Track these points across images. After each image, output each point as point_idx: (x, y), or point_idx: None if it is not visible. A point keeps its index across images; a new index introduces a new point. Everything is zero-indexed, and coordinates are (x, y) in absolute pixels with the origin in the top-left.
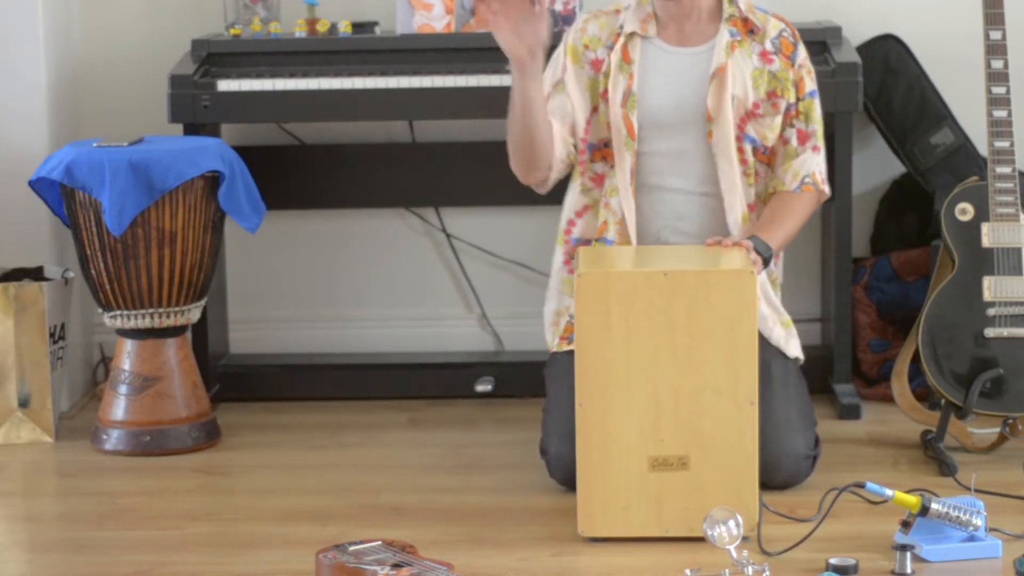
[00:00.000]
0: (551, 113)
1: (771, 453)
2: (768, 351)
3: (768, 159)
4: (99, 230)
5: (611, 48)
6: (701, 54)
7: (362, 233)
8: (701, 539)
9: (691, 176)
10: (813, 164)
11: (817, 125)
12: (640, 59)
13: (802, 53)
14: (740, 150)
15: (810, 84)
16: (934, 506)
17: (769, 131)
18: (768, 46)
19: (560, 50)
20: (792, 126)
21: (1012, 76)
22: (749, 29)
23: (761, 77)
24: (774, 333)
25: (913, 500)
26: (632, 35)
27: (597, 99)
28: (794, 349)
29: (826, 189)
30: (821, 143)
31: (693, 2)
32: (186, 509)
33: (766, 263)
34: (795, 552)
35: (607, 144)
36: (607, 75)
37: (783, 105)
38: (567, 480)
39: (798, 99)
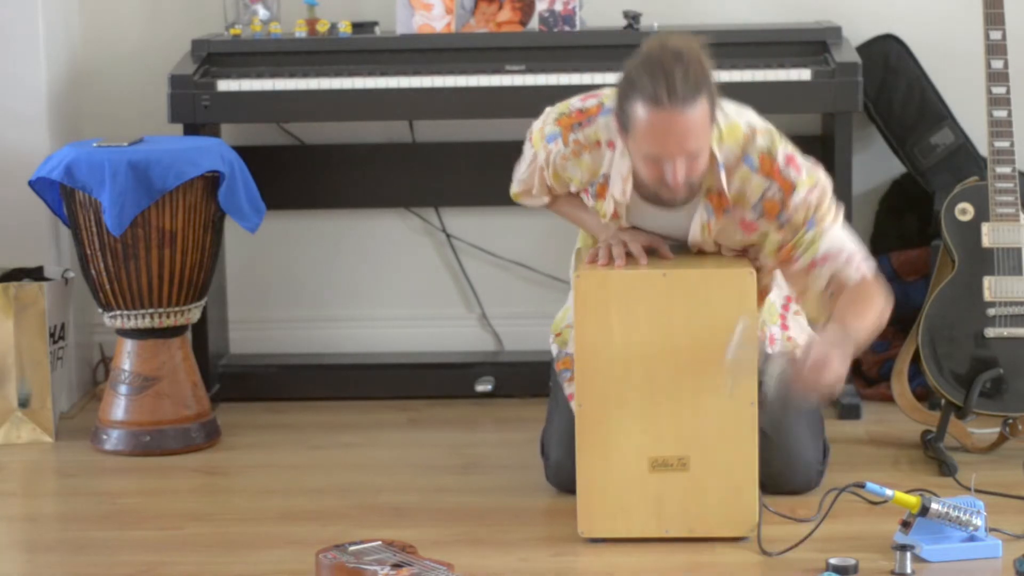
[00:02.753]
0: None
1: (781, 464)
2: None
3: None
4: (99, 230)
5: (593, 190)
6: (680, 216)
7: (362, 233)
8: (701, 539)
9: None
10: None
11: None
12: (625, 216)
13: (796, 199)
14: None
15: (805, 217)
16: (934, 506)
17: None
18: (750, 215)
19: (538, 162)
20: (802, 258)
21: (1012, 76)
22: (724, 207)
23: (738, 241)
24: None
25: (913, 500)
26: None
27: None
28: None
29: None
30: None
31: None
32: (186, 509)
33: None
34: (795, 552)
35: None
36: (596, 209)
37: (769, 258)
38: (563, 486)
39: (796, 234)
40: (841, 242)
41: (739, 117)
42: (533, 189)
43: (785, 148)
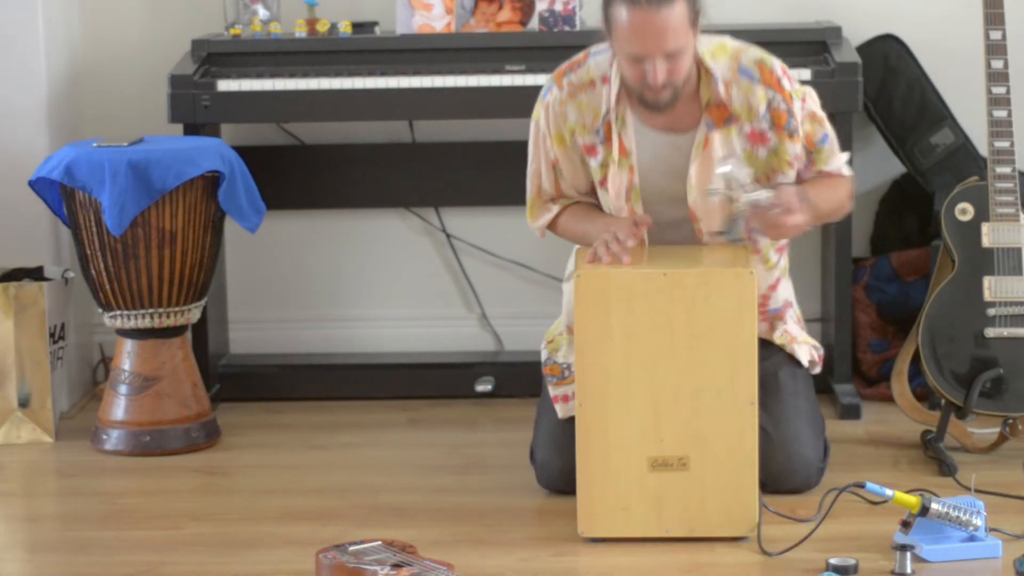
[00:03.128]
0: (573, 195)
1: (781, 462)
2: (776, 358)
3: None
4: (99, 230)
5: (600, 135)
6: (685, 141)
7: (362, 233)
8: (701, 539)
9: (677, 236)
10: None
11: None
12: (636, 148)
13: (798, 109)
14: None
15: (819, 131)
16: (934, 506)
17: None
18: (760, 124)
19: (540, 129)
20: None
21: (1012, 76)
22: (725, 117)
23: (754, 158)
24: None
25: (913, 500)
26: (621, 120)
27: (592, 181)
28: (804, 356)
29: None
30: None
31: (675, 104)
32: (186, 509)
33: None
34: (795, 552)
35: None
36: (605, 166)
37: (791, 174)
38: (551, 486)
39: (809, 152)
40: (840, 160)
41: (722, 39)
42: (542, 182)
43: (776, 60)
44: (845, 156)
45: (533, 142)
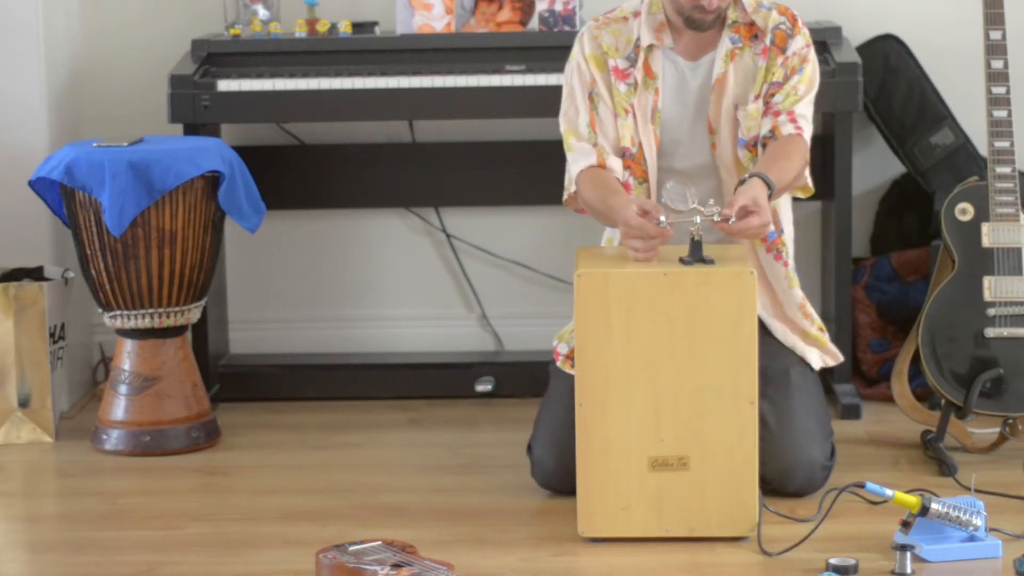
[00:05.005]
0: (605, 145)
1: (788, 462)
2: (787, 356)
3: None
4: (99, 230)
5: (631, 59)
6: (705, 65)
7: (362, 233)
8: (701, 539)
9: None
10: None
11: (805, 85)
12: (662, 74)
13: (799, 42)
14: (737, 159)
15: (803, 67)
16: (934, 506)
17: (754, 121)
18: (765, 41)
19: (577, 62)
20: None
21: (1012, 76)
22: (753, 34)
23: (761, 74)
24: (792, 341)
25: (913, 500)
26: (651, 47)
27: (619, 108)
28: (815, 360)
29: (805, 128)
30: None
31: (715, 22)
32: (186, 509)
33: (771, 194)
34: (795, 552)
35: (626, 154)
36: (634, 87)
37: (760, 103)
38: (546, 483)
39: (787, 79)
40: (804, 110)
41: None
42: (579, 120)
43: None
44: (810, 109)
45: (568, 78)
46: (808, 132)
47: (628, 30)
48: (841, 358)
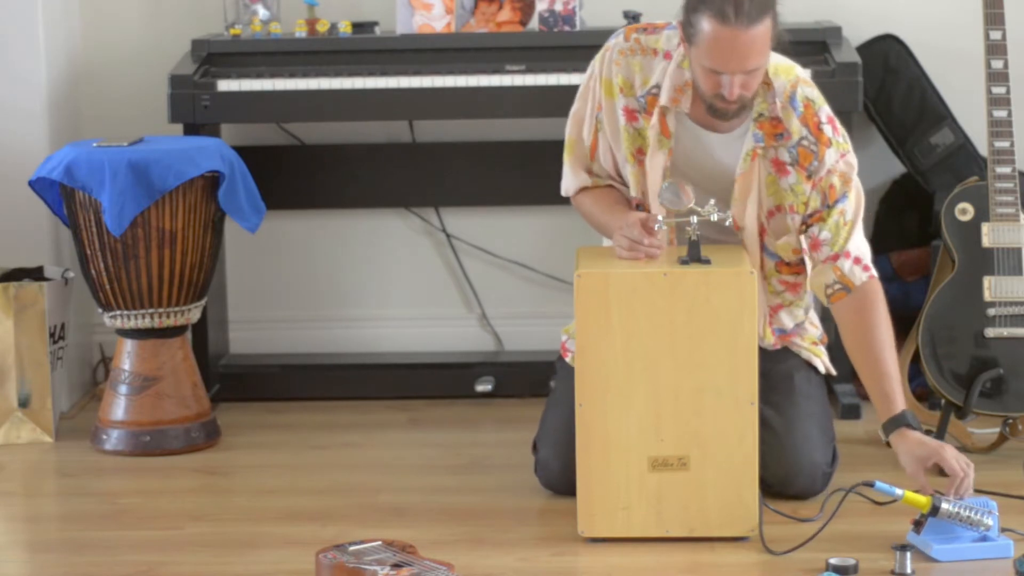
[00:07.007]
0: (600, 172)
1: (790, 466)
2: (793, 360)
3: (794, 269)
4: (99, 230)
5: (641, 104)
6: (730, 143)
7: (362, 233)
8: (701, 539)
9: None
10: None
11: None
12: (676, 134)
13: (831, 156)
14: (763, 261)
15: (844, 191)
16: (944, 506)
17: (787, 250)
18: (785, 155)
19: (594, 74)
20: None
21: (1012, 76)
22: (778, 133)
23: (773, 186)
24: (798, 347)
25: (923, 500)
26: (666, 107)
27: (627, 152)
28: (820, 363)
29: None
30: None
31: (740, 111)
32: (186, 509)
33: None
34: (795, 552)
35: (639, 207)
36: (642, 136)
37: (797, 220)
38: (549, 484)
39: (827, 206)
40: (860, 242)
41: (792, 63)
42: (583, 129)
43: (827, 108)
44: (866, 246)
45: (585, 84)
46: (873, 268)
47: (651, 69)
48: (834, 373)
